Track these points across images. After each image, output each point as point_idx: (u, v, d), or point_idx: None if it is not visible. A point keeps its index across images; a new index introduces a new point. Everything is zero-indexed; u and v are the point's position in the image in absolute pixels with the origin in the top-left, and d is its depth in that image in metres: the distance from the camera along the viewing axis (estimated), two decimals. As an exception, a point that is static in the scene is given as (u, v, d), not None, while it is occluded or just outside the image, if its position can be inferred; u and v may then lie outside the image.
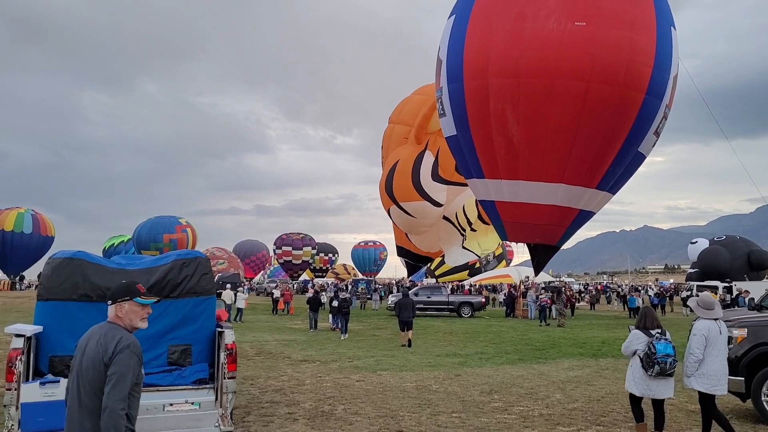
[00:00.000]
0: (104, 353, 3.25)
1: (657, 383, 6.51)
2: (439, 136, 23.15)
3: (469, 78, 14.30)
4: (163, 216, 55.46)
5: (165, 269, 6.15)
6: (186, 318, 6.12)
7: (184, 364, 6.02)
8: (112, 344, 3.27)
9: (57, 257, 6.06)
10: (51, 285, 5.86)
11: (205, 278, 6.27)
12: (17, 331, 5.41)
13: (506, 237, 15.78)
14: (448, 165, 23.00)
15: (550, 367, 12.23)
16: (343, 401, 8.69)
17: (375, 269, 72.15)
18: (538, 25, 13.60)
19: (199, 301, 6.20)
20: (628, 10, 13.77)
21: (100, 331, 3.38)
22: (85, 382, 3.26)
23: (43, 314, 5.81)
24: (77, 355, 3.38)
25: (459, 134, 15.09)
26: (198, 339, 6.15)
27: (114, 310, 3.43)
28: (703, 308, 6.69)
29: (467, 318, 27.49)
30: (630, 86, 13.71)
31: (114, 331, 3.36)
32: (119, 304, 3.43)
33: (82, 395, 3.26)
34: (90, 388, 3.24)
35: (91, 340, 3.36)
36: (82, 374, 3.28)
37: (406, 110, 24.63)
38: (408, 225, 25.20)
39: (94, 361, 3.26)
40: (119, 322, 3.43)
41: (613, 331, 21.07)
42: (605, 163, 14.45)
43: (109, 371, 3.21)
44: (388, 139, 25.35)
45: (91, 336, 3.40)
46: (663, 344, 6.51)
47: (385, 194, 24.29)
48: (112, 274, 6.00)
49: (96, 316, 5.62)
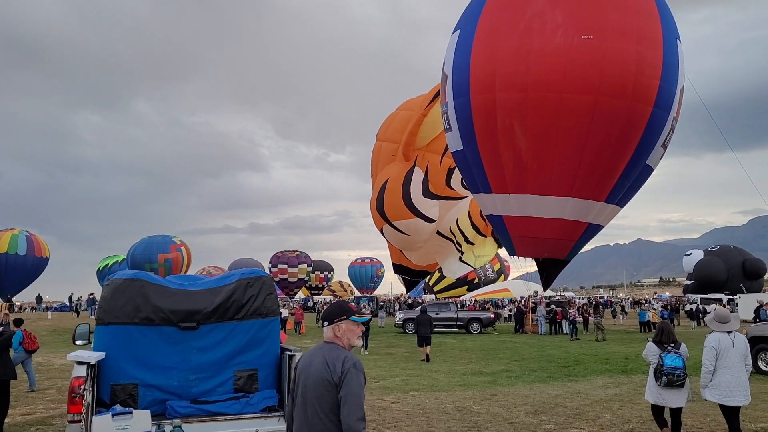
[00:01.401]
0: (332, 373, 3.32)
1: (669, 393, 6.81)
2: (428, 151, 23.02)
3: (476, 92, 14.20)
4: (157, 236, 55.07)
5: (229, 290, 5.83)
6: (252, 341, 5.77)
7: (251, 391, 5.66)
8: (339, 364, 3.34)
9: (117, 278, 5.71)
10: (111, 308, 5.48)
11: (270, 298, 5.94)
12: (80, 358, 5.00)
13: (515, 252, 15.57)
14: (438, 180, 22.92)
15: (585, 385, 12.05)
16: (388, 425, 8.50)
17: (372, 286, 71.81)
18: (545, 38, 13.54)
19: (265, 323, 5.86)
20: (635, 23, 13.75)
21: (320, 352, 3.49)
22: (314, 403, 3.31)
23: (103, 339, 5.44)
24: (300, 377, 3.46)
25: (466, 149, 14.96)
26: (264, 363, 5.81)
27: (332, 330, 3.55)
28: (717, 321, 6.90)
29: (477, 334, 27.25)
30: (638, 99, 13.64)
31: (336, 351, 3.46)
32: (336, 324, 3.55)
33: (310, 416, 3.31)
34: (320, 409, 3.29)
35: (314, 361, 3.45)
36: (307, 395, 3.35)
37: (393, 127, 24.42)
38: (402, 243, 24.99)
39: (323, 381, 3.33)
40: (338, 342, 3.53)
41: (631, 345, 20.90)
42: (614, 176, 14.33)
43: (342, 392, 3.27)
44: (377, 156, 25.11)
45: (312, 357, 3.51)
46: (671, 357, 6.79)
47: (376, 214, 24.04)
48: (174, 295, 5.67)
49: (159, 340, 5.45)
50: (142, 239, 54.15)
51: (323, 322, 3.58)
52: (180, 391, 5.47)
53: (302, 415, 3.35)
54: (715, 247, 49.13)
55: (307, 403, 3.33)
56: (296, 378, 3.55)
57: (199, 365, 5.52)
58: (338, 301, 3.65)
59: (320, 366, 3.37)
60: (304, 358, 3.58)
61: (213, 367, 5.53)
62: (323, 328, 3.59)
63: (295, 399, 3.48)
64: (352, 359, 3.40)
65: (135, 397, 5.32)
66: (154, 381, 5.40)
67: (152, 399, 5.37)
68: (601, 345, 21.40)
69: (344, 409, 3.23)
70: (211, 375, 5.57)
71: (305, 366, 3.49)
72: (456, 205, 24.04)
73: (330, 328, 3.54)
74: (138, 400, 5.32)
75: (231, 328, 5.65)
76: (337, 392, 3.27)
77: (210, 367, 5.56)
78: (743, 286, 44.77)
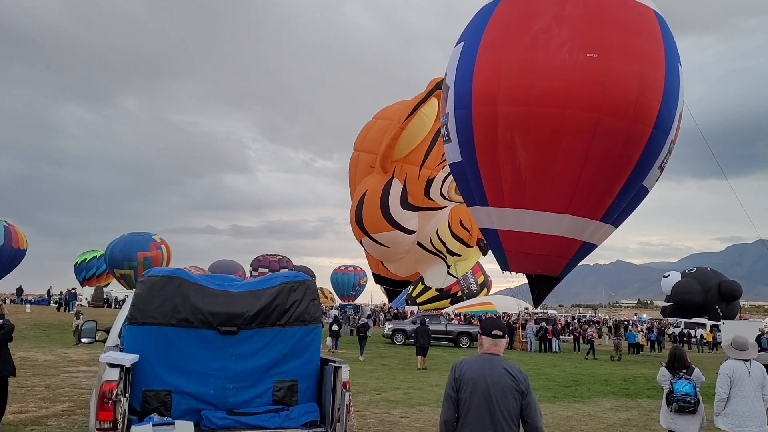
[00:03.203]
0: (518, 382, 3.66)
1: (681, 419, 6.66)
2: (406, 163, 22.80)
3: (478, 104, 14.12)
4: (137, 233, 54.03)
5: (272, 293, 5.37)
6: (293, 350, 5.32)
7: (290, 403, 5.23)
8: (519, 374, 3.71)
9: (153, 275, 5.21)
10: (146, 307, 4.99)
11: (313, 305, 5.50)
12: (113, 360, 4.54)
13: (508, 267, 15.45)
14: (417, 191, 22.76)
15: (593, 407, 11.92)
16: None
17: (353, 294, 71.39)
18: (550, 54, 13.52)
19: (308, 331, 5.41)
20: (638, 44, 13.80)
21: (491, 363, 3.75)
22: (504, 411, 3.59)
23: (135, 340, 4.93)
24: (480, 387, 3.65)
25: (464, 161, 14.85)
26: (305, 374, 5.37)
27: (494, 342, 3.85)
28: (734, 348, 6.76)
29: (466, 348, 27.08)
30: (638, 119, 13.67)
31: (508, 362, 3.78)
32: (498, 337, 3.87)
33: (501, 423, 3.57)
34: (508, 416, 3.60)
35: (488, 372, 3.69)
36: (498, 402, 3.60)
37: (370, 137, 24.13)
38: (382, 255, 24.76)
39: (511, 390, 3.64)
40: (499, 353, 3.85)
41: (627, 368, 20.76)
42: (611, 195, 14.32)
43: (527, 399, 3.64)
44: (354, 167, 24.81)
45: (481, 368, 3.74)
46: (682, 383, 6.63)
47: (356, 226, 23.75)
48: (214, 296, 5.21)
49: (196, 345, 5.04)
50: (121, 236, 53.11)
51: (484, 335, 3.88)
52: (216, 400, 5.06)
53: (488, 420, 3.59)
54: (693, 269, 49.50)
55: (494, 409, 3.59)
56: (460, 385, 3.71)
57: (237, 373, 5.12)
58: (497, 319, 3.83)
59: (504, 376, 3.67)
60: (471, 368, 3.75)
61: (252, 376, 5.12)
62: (483, 337, 3.88)
63: (467, 405, 3.65)
64: (523, 370, 3.82)
65: (168, 404, 4.90)
66: (189, 388, 4.99)
67: (186, 407, 4.96)
68: (597, 365, 21.17)
69: (531, 413, 3.63)
70: (249, 384, 5.15)
71: (478, 376, 3.68)
72: (435, 215, 23.86)
73: (492, 340, 3.83)
74: (171, 408, 4.90)
75: (273, 334, 5.24)
76: (522, 399, 3.64)
77: (249, 375, 5.14)
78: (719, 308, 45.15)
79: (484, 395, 3.62)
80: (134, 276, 52.25)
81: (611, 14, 13.98)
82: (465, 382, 3.71)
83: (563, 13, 13.92)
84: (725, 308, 45.74)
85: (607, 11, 13.99)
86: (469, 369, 3.75)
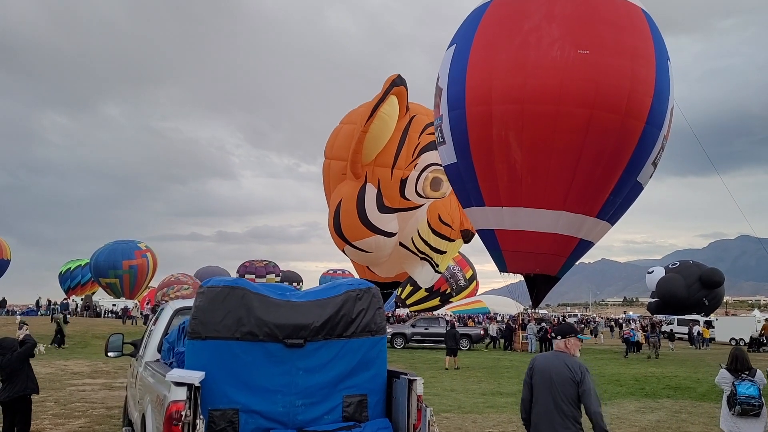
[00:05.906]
0: (574, 374, 4.76)
1: (744, 422, 6.56)
2: (376, 166, 22.35)
3: (472, 105, 14.09)
4: (122, 240, 53.35)
5: (337, 302, 5.05)
6: (361, 362, 5.01)
7: (361, 420, 4.90)
8: (577, 368, 4.80)
9: (214, 285, 4.83)
10: (209, 320, 4.62)
11: (379, 313, 5.18)
12: (181, 378, 4.24)
13: (505, 268, 15.38)
14: (392, 193, 22.28)
15: (618, 410, 11.74)
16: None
17: (342, 298, 71.13)
18: (542, 52, 13.54)
19: (375, 342, 5.10)
20: (629, 41, 13.87)
21: (556, 360, 4.92)
22: (563, 396, 4.75)
23: (198, 356, 4.59)
24: (545, 376, 4.84)
25: (459, 162, 14.80)
26: (374, 388, 5.06)
27: (563, 343, 4.98)
28: None
29: (466, 350, 26.84)
30: (631, 114, 13.72)
31: (571, 358, 4.90)
32: (567, 338, 4.98)
33: (561, 405, 4.74)
34: (567, 399, 4.74)
35: (552, 365, 4.87)
36: (558, 390, 4.77)
37: (338, 144, 23.60)
38: (366, 260, 24.41)
39: (569, 380, 4.76)
40: (568, 351, 4.95)
41: (634, 367, 20.55)
42: (606, 191, 14.34)
43: (582, 387, 4.73)
44: (327, 175, 24.33)
45: (547, 363, 4.98)
46: (746, 385, 6.46)
47: (336, 236, 23.25)
48: (278, 307, 4.88)
49: (263, 359, 4.74)
50: (106, 244, 52.33)
51: (557, 336, 5.04)
52: (285, 418, 4.77)
53: (551, 403, 4.76)
54: (676, 264, 49.78)
55: (556, 393, 4.75)
56: (533, 374, 4.95)
57: (306, 389, 4.83)
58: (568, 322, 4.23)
59: (564, 369, 4.79)
60: (541, 361, 5.01)
61: (321, 392, 4.83)
62: (554, 340, 5.06)
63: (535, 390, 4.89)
64: (583, 365, 4.84)
65: (236, 424, 4.61)
66: (257, 406, 4.70)
67: (255, 427, 4.68)
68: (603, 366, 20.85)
69: (587, 399, 4.69)
70: (318, 400, 4.88)
71: (545, 367, 4.91)
72: (414, 215, 23.55)
73: (562, 341, 4.97)
74: (239, 428, 4.63)
75: (340, 346, 4.95)
76: (578, 388, 4.73)
77: (318, 391, 4.83)
78: (705, 299, 45.43)
79: (548, 382, 4.79)
80: (120, 285, 51.59)
81: (601, 12, 14.04)
82: (536, 372, 4.94)
83: (554, 11, 13.96)
84: (711, 298, 46.05)
85: (596, 9, 14.05)
86: (540, 363, 5.00)
